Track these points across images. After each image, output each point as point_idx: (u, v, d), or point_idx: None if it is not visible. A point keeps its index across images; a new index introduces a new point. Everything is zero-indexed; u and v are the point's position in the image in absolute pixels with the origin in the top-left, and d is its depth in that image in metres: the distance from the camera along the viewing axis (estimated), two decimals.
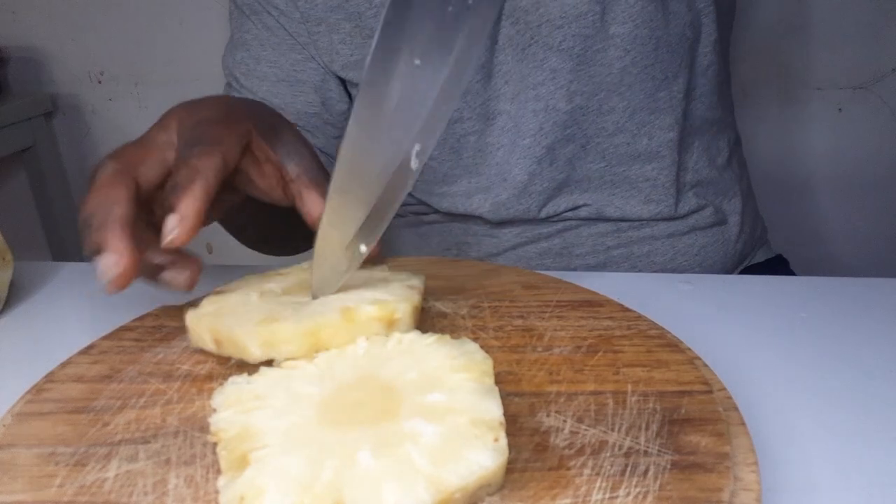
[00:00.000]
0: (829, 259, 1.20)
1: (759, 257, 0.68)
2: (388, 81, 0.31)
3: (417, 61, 0.31)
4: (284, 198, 0.41)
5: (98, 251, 0.32)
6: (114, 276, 0.32)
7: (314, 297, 0.35)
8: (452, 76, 0.31)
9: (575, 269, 0.61)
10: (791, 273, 0.69)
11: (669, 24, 0.55)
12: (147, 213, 0.37)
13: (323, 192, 0.40)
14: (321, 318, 0.32)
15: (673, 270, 0.61)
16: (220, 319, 0.34)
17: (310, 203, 0.39)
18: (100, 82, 1.37)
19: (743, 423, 0.30)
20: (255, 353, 0.32)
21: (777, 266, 0.69)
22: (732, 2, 0.64)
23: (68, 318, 0.47)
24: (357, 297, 0.34)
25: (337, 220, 0.34)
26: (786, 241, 0.79)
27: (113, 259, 0.31)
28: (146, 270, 0.35)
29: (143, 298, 0.41)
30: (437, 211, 0.64)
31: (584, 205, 0.59)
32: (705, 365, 0.34)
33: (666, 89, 0.57)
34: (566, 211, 0.59)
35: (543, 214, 0.59)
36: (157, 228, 0.34)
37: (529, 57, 0.55)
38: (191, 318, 0.35)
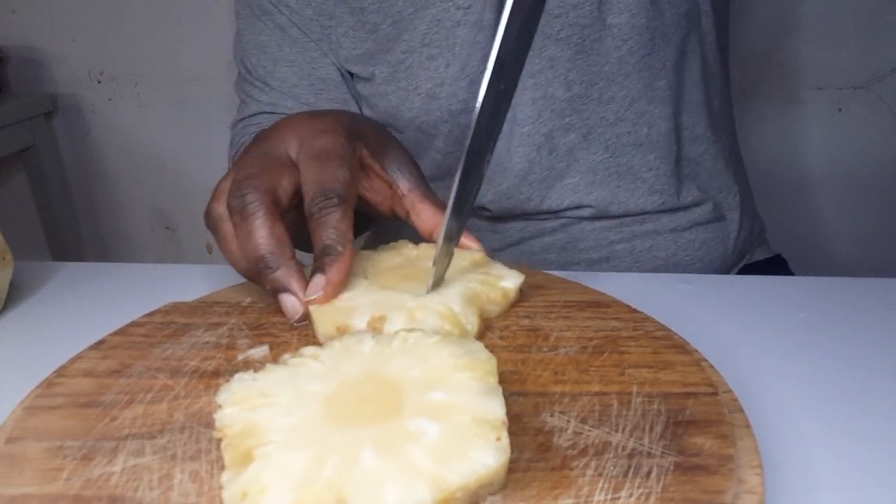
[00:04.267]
0: (829, 259, 1.21)
1: (759, 256, 0.68)
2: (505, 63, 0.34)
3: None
4: (391, 212, 0.44)
5: (282, 290, 0.37)
6: (300, 313, 0.37)
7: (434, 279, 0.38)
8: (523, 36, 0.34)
9: (578, 264, 0.61)
10: (790, 272, 0.69)
11: (665, 14, 0.55)
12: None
13: (434, 205, 0.42)
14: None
15: (675, 265, 0.61)
16: None
17: (425, 216, 0.42)
18: (100, 82, 1.37)
19: (748, 426, 0.30)
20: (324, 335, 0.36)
21: (776, 265, 0.70)
22: None
23: (68, 318, 0.46)
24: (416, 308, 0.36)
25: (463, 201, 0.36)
26: (785, 240, 0.79)
27: (297, 303, 0.37)
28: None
29: (143, 299, 0.42)
30: None
31: (588, 206, 0.59)
32: (712, 367, 0.34)
33: (664, 78, 0.57)
34: (570, 208, 0.59)
35: (546, 207, 0.59)
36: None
37: None
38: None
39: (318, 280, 0.36)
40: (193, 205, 1.42)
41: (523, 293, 0.40)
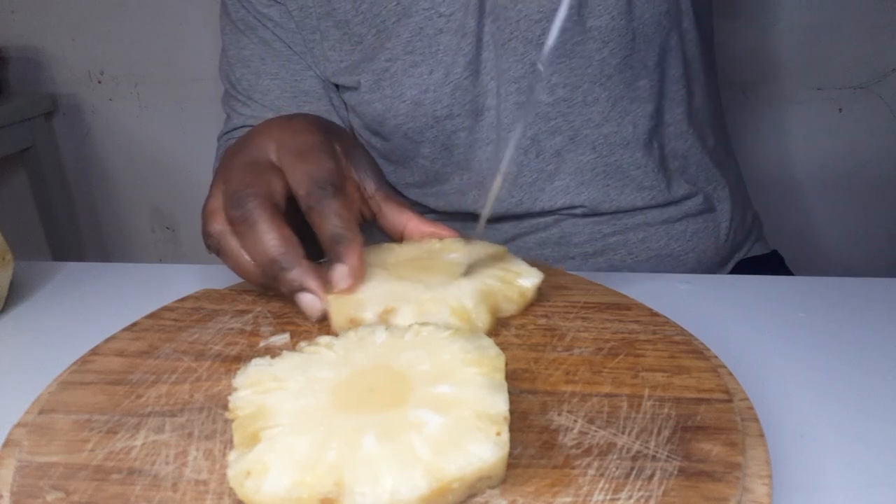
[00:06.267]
0: (829, 258, 1.20)
1: (756, 251, 0.68)
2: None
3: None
4: (360, 215, 0.44)
5: (299, 290, 0.37)
6: (320, 311, 0.37)
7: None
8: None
9: (573, 258, 0.62)
10: (786, 268, 0.69)
11: (644, 15, 0.55)
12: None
13: (399, 204, 0.43)
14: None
15: (668, 255, 0.62)
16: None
17: (391, 216, 0.42)
18: (100, 82, 1.37)
19: (761, 435, 0.29)
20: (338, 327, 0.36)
21: (773, 262, 0.69)
22: None
23: (68, 318, 0.47)
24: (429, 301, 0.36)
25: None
26: (785, 239, 0.79)
27: (316, 300, 0.37)
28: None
29: (143, 299, 0.42)
30: (432, 210, 0.65)
31: (580, 206, 0.59)
32: (730, 374, 0.34)
33: (646, 77, 0.57)
34: (563, 209, 0.60)
35: (538, 209, 0.60)
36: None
37: (510, 52, 0.56)
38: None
39: (341, 270, 0.36)
40: (193, 205, 1.38)
41: (544, 293, 0.40)
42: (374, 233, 0.45)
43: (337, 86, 0.62)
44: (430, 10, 0.56)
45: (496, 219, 0.62)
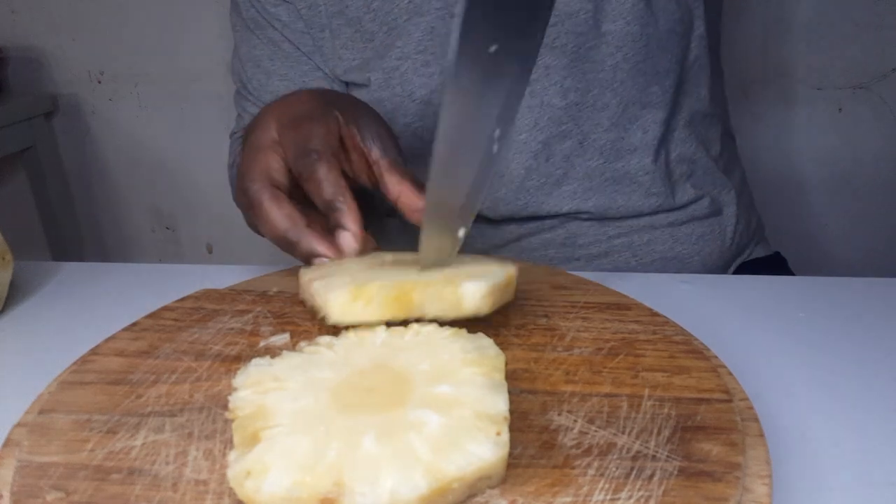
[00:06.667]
0: (829, 258, 1.20)
1: (758, 253, 0.68)
2: (469, 70, 0.30)
3: (493, 48, 0.29)
4: (369, 182, 0.44)
5: (313, 256, 0.39)
6: None
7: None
8: (524, 59, 0.31)
9: (578, 260, 0.62)
10: (789, 271, 0.70)
11: (659, 20, 0.56)
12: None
13: (399, 173, 0.42)
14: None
15: (673, 258, 0.62)
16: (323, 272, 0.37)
17: (390, 184, 0.42)
18: (100, 82, 1.37)
19: (761, 435, 0.29)
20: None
21: (775, 264, 0.69)
22: None
23: (68, 318, 0.47)
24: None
25: (438, 209, 0.34)
26: (785, 239, 0.79)
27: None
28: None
29: (143, 299, 0.43)
30: None
31: (587, 212, 0.60)
32: (730, 374, 0.34)
33: (657, 84, 0.57)
34: (568, 213, 0.60)
35: (544, 212, 0.60)
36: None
37: None
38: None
39: (346, 237, 0.38)
40: (193, 205, 1.42)
41: (544, 293, 0.40)
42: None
43: (347, 84, 0.62)
44: (443, 10, 0.56)
45: (501, 220, 0.62)
